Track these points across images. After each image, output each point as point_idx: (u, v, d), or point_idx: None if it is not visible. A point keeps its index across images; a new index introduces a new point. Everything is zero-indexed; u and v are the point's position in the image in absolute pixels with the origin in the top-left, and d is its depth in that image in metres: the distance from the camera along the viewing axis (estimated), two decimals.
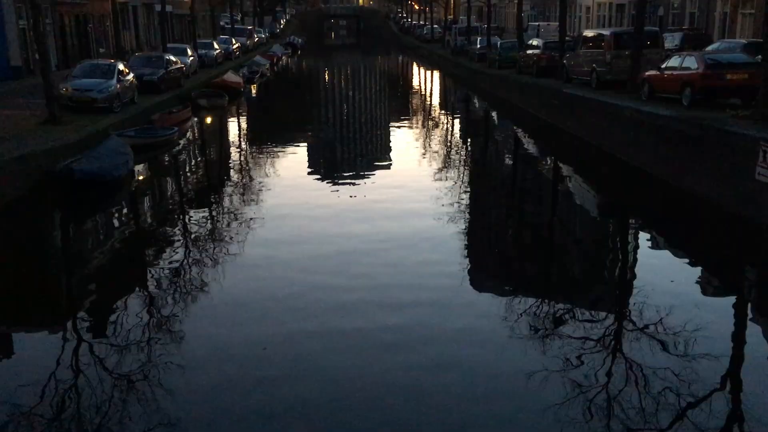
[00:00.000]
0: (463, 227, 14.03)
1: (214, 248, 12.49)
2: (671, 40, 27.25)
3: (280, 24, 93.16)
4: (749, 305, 10.44)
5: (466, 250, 12.59)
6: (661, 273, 11.47)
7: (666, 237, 13.65)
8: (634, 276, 11.67)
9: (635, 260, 12.50)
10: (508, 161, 22.66)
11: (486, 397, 7.48)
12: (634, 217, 15.26)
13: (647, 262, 12.16)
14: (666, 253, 12.90)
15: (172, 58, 31.00)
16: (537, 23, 47.05)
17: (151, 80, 27.18)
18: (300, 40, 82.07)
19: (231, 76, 35.81)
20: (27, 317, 9.89)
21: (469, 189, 17.79)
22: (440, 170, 19.50)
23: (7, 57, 30.51)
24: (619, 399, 7.30)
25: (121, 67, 24.01)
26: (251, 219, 14.09)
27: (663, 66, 19.89)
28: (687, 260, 12.33)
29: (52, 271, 12.06)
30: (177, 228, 14.14)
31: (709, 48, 23.93)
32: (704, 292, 10.85)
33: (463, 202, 16.25)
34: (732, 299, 10.63)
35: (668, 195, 15.89)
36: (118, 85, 22.79)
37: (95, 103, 21.76)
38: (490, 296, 10.42)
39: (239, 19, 71.76)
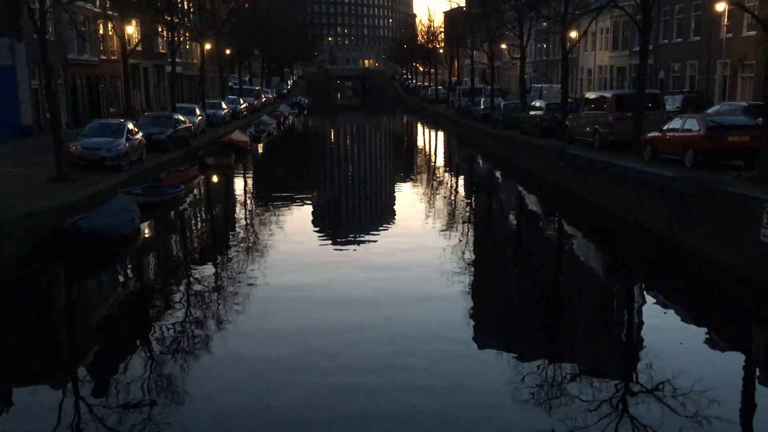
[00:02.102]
0: (468, 288, 13.98)
1: (217, 307, 12.45)
2: (672, 103, 27.64)
3: (288, 85, 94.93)
4: (757, 368, 10.31)
5: (472, 311, 12.52)
6: (669, 334, 11.36)
7: (672, 298, 13.55)
8: (641, 337, 11.56)
9: (642, 321, 12.39)
10: (513, 221, 22.72)
11: None
12: (640, 277, 15.19)
13: (654, 323, 12.05)
14: (672, 314, 12.79)
15: (181, 117, 31.52)
16: (540, 85, 47.82)
17: (159, 139, 27.58)
18: (306, 100, 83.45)
19: (238, 135, 36.32)
20: (30, 374, 9.80)
21: (473, 249, 17.79)
22: (444, 229, 19.53)
23: (18, 116, 31.07)
24: None
25: (130, 126, 24.40)
26: (255, 278, 14.05)
27: (665, 128, 20.13)
28: (694, 321, 12.22)
29: (55, 329, 11.99)
30: (180, 286, 14.10)
31: (710, 110, 24.25)
32: (712, 354, 10.74)
33: (468, 262, 16.22)
34: (741, 361, 10.50)
35: (673, 255, 15.86)
36: (127, 144, 23.11)
37: (104, 162, 22.04)
38: (497, 358, 10.31)
39: (248, 79, 73.19)
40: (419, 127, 62.78)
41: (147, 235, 18.54)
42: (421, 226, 19.80)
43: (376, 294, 13.04)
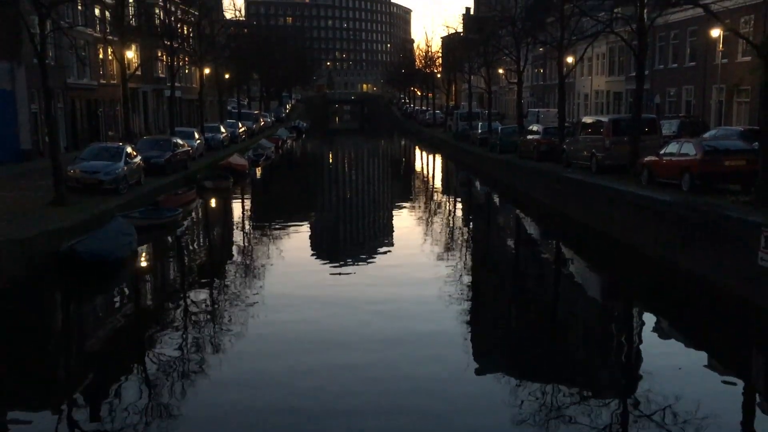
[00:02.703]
0: (466, 312, 13.94)
1: (214, 332, 12.37)
2: (668, 127, 27.78)
3: (286, 108, 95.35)
4: (757, 394, 10.25)
5: (470, 335, 12.46)
6: (668, 359, 11.31)
7: (671, 321, 13.52)
8: (640, 361, 11.50)
9: (641, 345, 12.35)
10: (511, 244, 22.72)
11: None
12: (638, 300, 15.16)
13: (653, 347, 12.01)
14: (672, 338, 12.76)
15: (179, 141, 31.62)
16: (536, 109, 48.07)
17: (157, 162, 27.64)
18: (305, 124, 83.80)
19: (236, 159, 36.42)
20: (26, 399, 9.71)
21: (471, 272, 17.76)
22: (443, 253, 19.50)
23: (17, 140, 31.16)
24: None
25: (128, 149, 24.46)
26: (252, 303, 13.98)
27: (662, 152, 20.22)
28: (693, 345, 12.18)
29: (51, 353, 11.92)
30: (177, 311, 14.04)
31: (707, 135, 24.38)
32: (712, 379, 10.66)
33: (466, 285, 16.19)
34: (741, 386, 10.43)
35: (671, 278, 15.84)
36: (125, 167, 23.15)
37: (102, 185, 22.06)
38: (495, 383, 10.25)
39: (246, 103, 73.54)
40: (417, 150, 62.99)
41: (144, 258, 18.50)
42: (420, 252, 19.60)
43: (376, 330, 12.55)
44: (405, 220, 25.87)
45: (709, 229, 15.03)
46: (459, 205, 31.17)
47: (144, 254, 18.67)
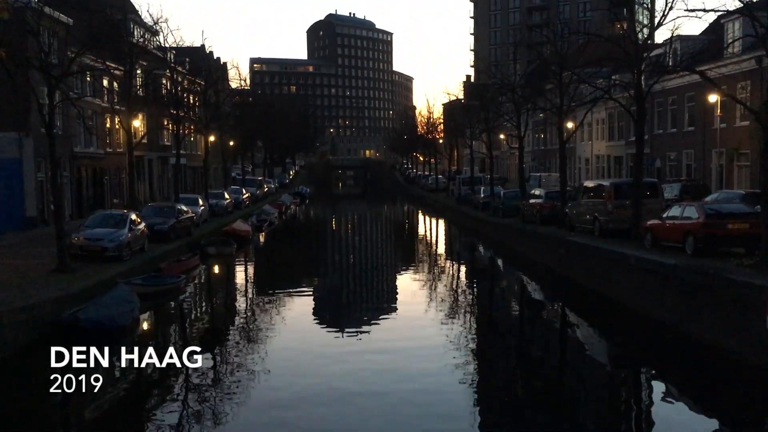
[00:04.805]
0: (472, 379, 13.73)
1: (215, 402, 12.16)
2: (670, 191, 27.95)
3: (290, 175, 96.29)
4: None
5: (476, 403, 12.24)
6: (680, 425, 11.08)
7: (680, 387, 13.28)
8: (652, 428, 11.26)
9: (651, 412, 12.10)
10: (515, 309, 22.54)
11: None
12: (646, 365, 14.93)
13: (664, 413, 11.77)
14: (682, 404, 12.50)
15: (184, 207, 31.79)
16: (538, 174, 48.43)
17: (161, 229, 27.72)
18: (308, 189, 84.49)
19: (240, 225, 36.55)
20: None
21: (476, 338, 17.57)
22: (447, 319, 19.31)
23: (23, 208, 31.40)
24: None
25: (133, 217, 24.59)
26: (253, 373, 13.79)
27: (665, 215, 20.29)
28: (704, 412, 11.93)
29: (53, 423, 11.71)
30: (178, 380, 13.83)
31: (708, 198, 24.49)
32: None
33: (471, 352, 15.99)
34: None
35: (677, 342, 15.63)
36: (129, 235, 23.22)
37: (105, 252, 22.09)
38: None
39: (250, 169, 74.27)
40: (420, 215, 63.22)
41: (145, 326, 18.34)
42: (424, 319, 19.31)
43: (381, 398, 12.31)
44: (409, 287, 25.71)
45: (716, 292, 14.92)
46: (463, 270, 31.07)
47: (146, 322, 18.52)
